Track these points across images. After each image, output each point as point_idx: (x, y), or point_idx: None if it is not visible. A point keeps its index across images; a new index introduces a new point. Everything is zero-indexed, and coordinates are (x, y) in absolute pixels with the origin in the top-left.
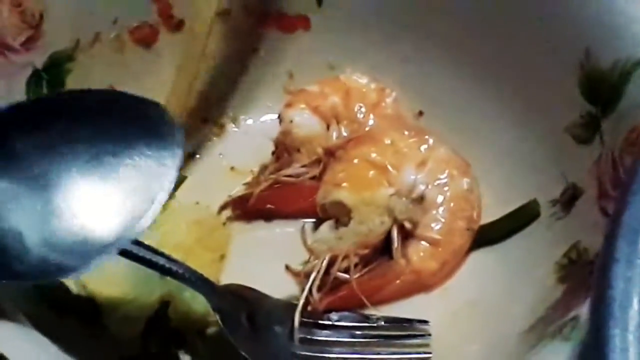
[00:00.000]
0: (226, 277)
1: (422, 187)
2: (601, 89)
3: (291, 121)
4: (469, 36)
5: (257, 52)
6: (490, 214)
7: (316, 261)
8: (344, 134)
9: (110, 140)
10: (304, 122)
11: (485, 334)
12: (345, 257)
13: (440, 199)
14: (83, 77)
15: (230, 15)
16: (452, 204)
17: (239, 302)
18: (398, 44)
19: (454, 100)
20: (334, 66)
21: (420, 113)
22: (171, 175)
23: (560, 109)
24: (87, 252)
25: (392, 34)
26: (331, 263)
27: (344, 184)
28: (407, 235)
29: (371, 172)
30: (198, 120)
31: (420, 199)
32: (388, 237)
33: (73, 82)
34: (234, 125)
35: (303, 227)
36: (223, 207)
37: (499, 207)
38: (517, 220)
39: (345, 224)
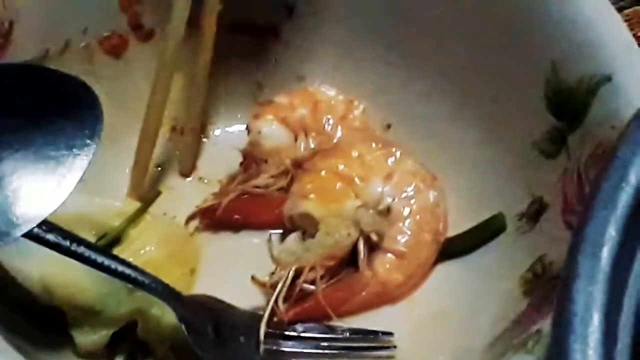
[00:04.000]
0: (196, 289)
1: (388, 200)
2: (567, 104)
3: (259, 132)
4: (437, 49)
5: (226, 61)
6: (456, 227)
7: (282, 272)
8: (312, 145)
9: (28, 115)
10: (272, 133)
11: (451, 346)
12: (312, 268)
13: (406, 211)
14: None
15: (200, 25)
16: (418, 217)
17: (205, 312)
18: (367, 57)
19: (422, 114)
20: (303, 77)
21: (388, 126)
22: (86, 155)
23: (527, 123)
24: None
25: (361, 46)
26: (297, 274)
27: (311, 196)
28: (373, 247)
29: (338, 184)
30: (167, 128)
31: (387, 211)
32: (354, 249)
33: None
34: (202, 135)
35: (270, 238)
36: (191, 218)
37: (465, 220)
38: (483, 233)
39: (312, 236)
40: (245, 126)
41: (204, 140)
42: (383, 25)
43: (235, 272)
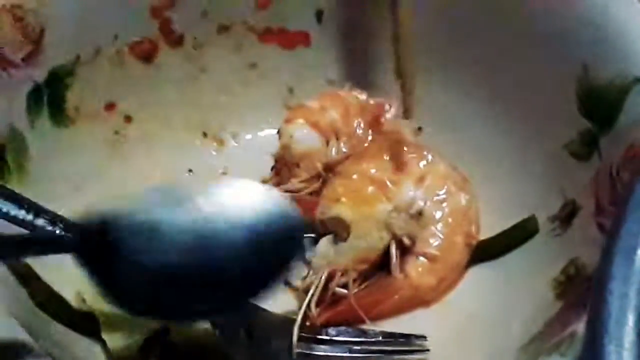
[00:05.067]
0: None
1: (420, 203)
2: (599, 106)
3: (291, 136)
4: (467, 53)
5: (256, 67)
6: (489, 230)
7: (314, 276)
8: (343, 149)
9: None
10: (303, 137)
11: (484, 349)
12: (344, 272)
13: (438, 214)
14: (83, 91)
15: (229, 30)
16: (450, 220)
17: (238, 316)
18: (394, 63)
19: (453, 117)
20: (333, 82)
21: (420, 129)
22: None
23: (558, 126)
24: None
25: (391, 50)
26: (329, 278)
27: (343, 199)
28: (405, 251)
29: (370, 188)
30: (198, 135)
31: (419, 214)
32: (387, 253)
33: (73, 96)
34: (233, 141)
35: None
36: None
37: (497, 223)
38: (516, 237)
39: (344, 239)
40: (276, 130)
41: (235, 145)
42: (416, 28)
43: None
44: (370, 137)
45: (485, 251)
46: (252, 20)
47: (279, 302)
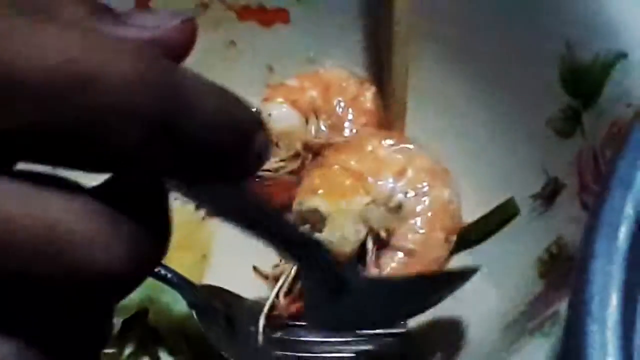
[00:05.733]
0: (207, 276)
1: (400, 196)
2: (582, 82)
3: (269, 115)
4: (448, 29)
5: (235, 45)
6: (472, 210)
7: (287, 265)
8: (322, 128)
9: None
10: (282, 116)
11: (466, 329)
12: None
13: (418, 208)
14: None
15: (208, 7)
16: (430, 214)
17: (217, 301)
18: (377, 38)
19: (435, 94)
20: (313, 60)
21: None
22: None
23: (541, 103)
24: None
25: (372, 27)
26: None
27: (320, 191)
28: (382, 245)
29: (348, 180)
30: None
31: (398, 207)
32: (364, 248)
33: None
34: None
35: None
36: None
37: (480, 204)
38: (496, 220)
39: (319, 231)
40: (255, 109)
41: None
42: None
43: (246, 259)
44: (350, 116)
45: (465, 238)
46: None
47: (249, 288)
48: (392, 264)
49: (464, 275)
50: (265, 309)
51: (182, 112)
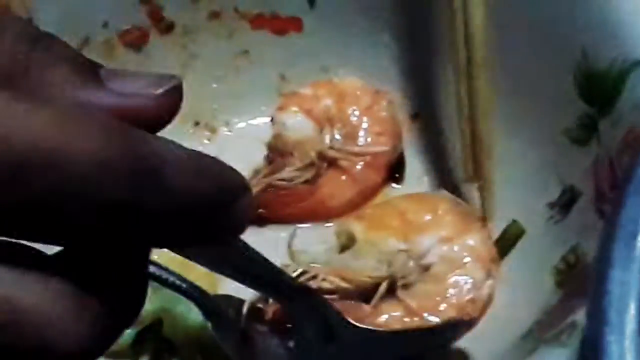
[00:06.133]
0: (221, 286)
1: (433, 259)
2: (598, 90)
3: (284, 124)
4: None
5: (248, 54)
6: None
7: (293, 270)
8: (337, 137)
9: None
10: (297, 125)
11: (484, 338)
12: (323, 279)
13: (445, 278)
14: None
15: (220, 16)
16: (452, 291)
17: (232, 312)
18: (391, 46)
19: (450, 103)
20: (327, 68)
21: (416, 115)
22: None
23: (557, 111)
24: None
25: (386, 35)
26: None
27: (365, 219)
28: (392, 292)
29: (396, 222)
30: (190, 123)
31: (426, 267)
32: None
33: None
34: (226, 129)
35: (294, 231)
36: None
37: (498, 210)
38: (504, 246)
39: (341, 251)
40: (269, 118)
41: (228, 133)
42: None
43: None
44: (364, 125)
45: None
46: (243, 6)
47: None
48: (390, 314)
49: (456, 329)
50: (245, 307)
51: (149, 190)
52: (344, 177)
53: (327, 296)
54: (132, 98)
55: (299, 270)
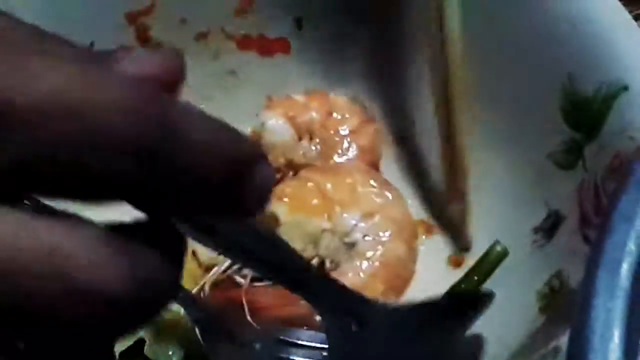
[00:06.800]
0: None
1: (358, 235)
2: (584, 115)
3: (263, 124)
4: None
5: (235, 74)
6: (477, 243)
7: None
8: (312, 150)
9: None
10: (276, 128)
11: None
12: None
13: (369, 253)
14: None
15: (207, 37)
16: (377, 263)
17: (219, 317)
18: (379, 70)
19: (434, 127)
20: (314, 91)
21: (401, 139)
22: None
23: (543, 135)
24: None
25: (373, 59)
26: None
27: (285, 200)
28: (322, 271)
29: (316, 200)
30: None
31: (351, 245)
32: None
33: None
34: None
35: None
36: None
37: (480, 234)
38: (486, 269)
39: None
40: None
41: None
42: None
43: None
44: (345, 145)
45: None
46: (230, 27)
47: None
48: None
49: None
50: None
51: (173, 140)
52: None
53: (257, 283)
54: (148, 64)
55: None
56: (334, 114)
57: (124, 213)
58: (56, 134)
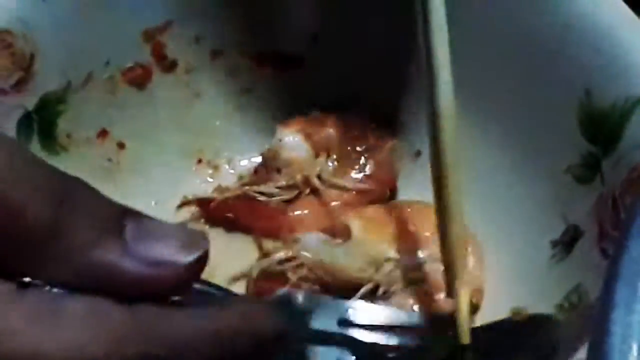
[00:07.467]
0: None
1: (420, 276)
2: (602, 129)
3: (280, 140)
4: (468, 77)
5: (251, 92)
6: (495, 258)
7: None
8: (329, 167)
9: None
10: (292, 145)
11: None
12: (308, 269)
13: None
14: (75, 118)
15: (223, 55)
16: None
17: None
18: (395, 84)
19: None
20: (328, 108)
21: (418, 153)
22: None
23: (560, 150)
24: None
25: (390, 75)
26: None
27: (365, 219)
28: (372, 296)
29: (393, 230)
30: (193, 160)
31: (411, 282)
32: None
33: (65, 123)
34: (228, 166)
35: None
36: (184, 204)
37: (499, 249)
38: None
39: (332, 245)
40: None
41: (231, 171)
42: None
43: (221, 270)
44: (360, 163)
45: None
46: (245, 44)
47: (238, 252)
48: None
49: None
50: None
51: None
52: (320, 208)
53: (304, 285)
54: (157, 267)
55: (289, 254)
56: (351, 131)
57: None
58: None
